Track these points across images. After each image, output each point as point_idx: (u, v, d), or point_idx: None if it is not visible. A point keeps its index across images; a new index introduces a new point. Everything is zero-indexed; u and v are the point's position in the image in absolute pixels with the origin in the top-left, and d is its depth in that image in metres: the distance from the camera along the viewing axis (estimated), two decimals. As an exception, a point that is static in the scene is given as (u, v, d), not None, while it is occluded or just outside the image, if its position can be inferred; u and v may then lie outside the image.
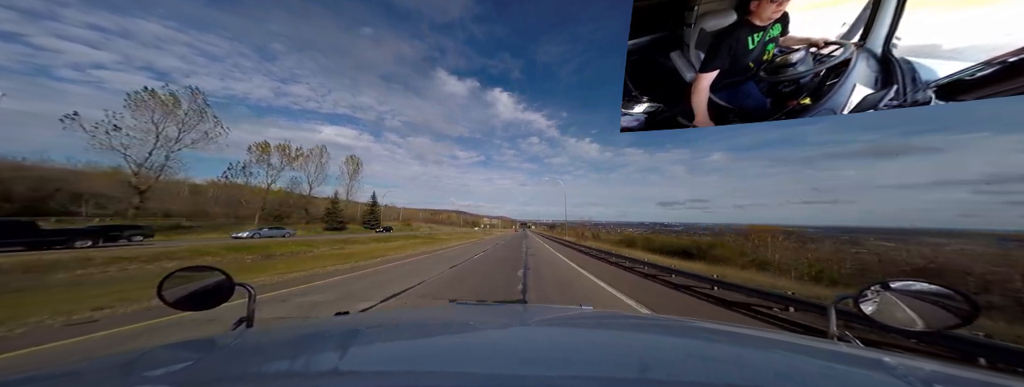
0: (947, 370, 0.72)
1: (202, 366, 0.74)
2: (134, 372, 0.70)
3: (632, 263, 14.76)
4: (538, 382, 0.60)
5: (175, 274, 1.23)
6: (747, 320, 6.33)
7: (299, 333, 1.07)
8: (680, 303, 7.73)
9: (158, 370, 0.73)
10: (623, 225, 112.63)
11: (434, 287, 9.02)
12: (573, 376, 0.65)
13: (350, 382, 0.61)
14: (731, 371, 0.74)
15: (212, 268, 1.29)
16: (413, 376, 0.64)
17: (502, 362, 0.76)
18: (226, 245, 20.40)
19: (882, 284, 1.05)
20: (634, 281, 10.90)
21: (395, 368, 0.71)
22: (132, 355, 0.79)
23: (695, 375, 0.69)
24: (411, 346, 0.93)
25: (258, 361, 0.79)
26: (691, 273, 10.35)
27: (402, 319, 1.37)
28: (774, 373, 0.72)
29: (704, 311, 7.05)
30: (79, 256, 13.10)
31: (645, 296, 8.34)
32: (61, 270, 10.92)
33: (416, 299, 7.55)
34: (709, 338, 1.05)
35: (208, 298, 1.23)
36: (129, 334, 4.90)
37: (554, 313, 1.41)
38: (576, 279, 11.09)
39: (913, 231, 35.06)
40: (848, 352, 0.85)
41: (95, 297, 7.00)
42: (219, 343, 0.91)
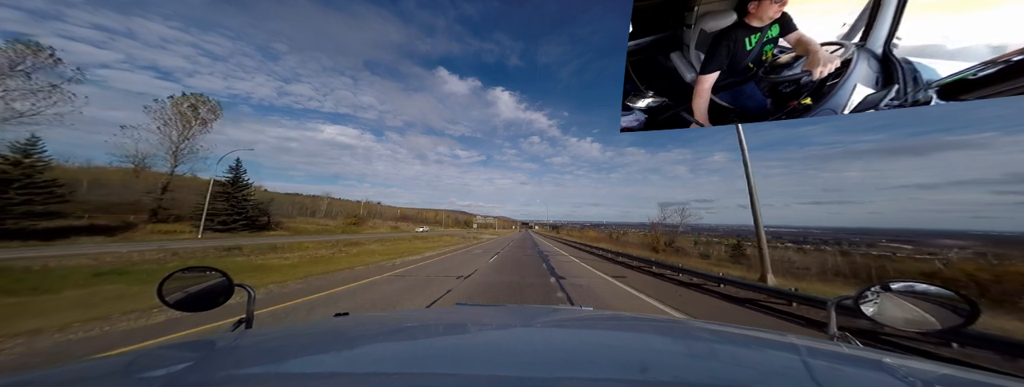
0: (947, 370, 0.71)
1: (202, 366, 0.74)
2: (134, 372, 0.70)
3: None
4: (539, 383, 0.60)
5: (175, 274, 1.23)
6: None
7: (299, 334, 1.07)
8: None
9: (158, 370, 0.73)
10: (624, 226, 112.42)
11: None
12: (574, 377, 0.65)
13: (350, 383, 0.61)
14: (731, 371, 0.74)
15: (212, 268, 1.29)
16: (413, 377, 0.64)
17: (503, 363, 0.76)
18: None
19: (882, 285, 1.04)
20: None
21: (395, 369, 0.70)
22: (132, 355, 0.79)
23: (695, 375, 0.69)
24: (411, 347, 0.93)
25: (258, 361, 0.79)
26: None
27: (403, 320, 1.37)
28: (774, 373, 0.72)
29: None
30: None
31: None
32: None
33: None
34: (709, 338, 1.05)
35: (208, 298, 1.24)
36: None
37: (555, 314, 1.41)
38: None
39: (924, 232, 34.39)
40: (848, 352, 0.85)
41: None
42: (219, 343, 0.91)
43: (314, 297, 7.34)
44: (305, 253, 17.87)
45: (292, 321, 5.50)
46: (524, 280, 10.20)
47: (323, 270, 11.32)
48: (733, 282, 9.08)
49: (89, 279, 8.75)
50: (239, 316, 1.24)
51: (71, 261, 12.16)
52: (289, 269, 11.51)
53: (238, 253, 16.97)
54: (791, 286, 8.45)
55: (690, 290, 9.30)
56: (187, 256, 15.31)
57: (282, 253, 17.57)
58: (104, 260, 13.13)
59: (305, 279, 9.59)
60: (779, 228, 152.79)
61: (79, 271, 9.91)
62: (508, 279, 10.30)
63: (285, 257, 15.76)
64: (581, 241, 38.46)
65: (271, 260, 14.50)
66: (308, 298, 7.23)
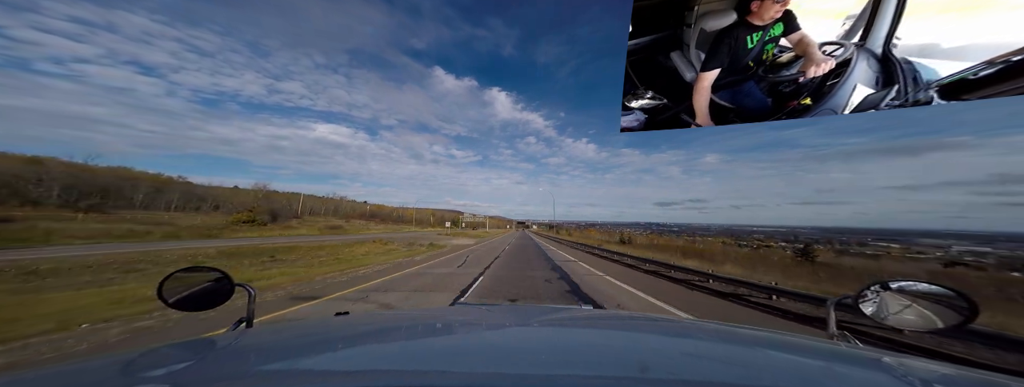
0: (946, 370, 0.72)
1: (202, 366, 0.73)
2: (134, 372, 0.70)
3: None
4: (540, 381, 0.60)
5: (175, 274, 1.23)
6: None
7: (299, 333, 1.07)
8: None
9: (158, 370, 0.73)
10: (620, 225, 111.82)
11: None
12: (574, 375, 0.65)
13: (350, 382, 0.61)
14: (731, 371, 0.74)
15: (212, 268, 1.29)
16: (412, 375, 0.64)
17: (503, 362, 0.76)
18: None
19: (882, 284, 1.05)
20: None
21: (395, 368, 0.70)
22: (132, 355, 0.79)
23: (695, 375, 0.69)
24: (411, 346, 0.93)
25: (258, 361, 0.79)
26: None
27: (403, 319, 1.37)
28: (773, 373, 0.73)
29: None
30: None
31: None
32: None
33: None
34: (709, 338, 1.05)
35: (208, 298, 1.23)
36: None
37: (555, 313, 1.41)
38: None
39: (907, 232, 34.43)
40: (847, 352, 0.85)
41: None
42: (219, 343, 0.91)
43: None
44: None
45: (291, 321, 5.49)
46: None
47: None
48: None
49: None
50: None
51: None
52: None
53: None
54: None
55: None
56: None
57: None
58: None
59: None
60: (766, 228, 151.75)
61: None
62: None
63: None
64: (594, 245, 24.24)
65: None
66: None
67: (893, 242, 31.76)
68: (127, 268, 12.55)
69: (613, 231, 52.24)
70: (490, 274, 10.77)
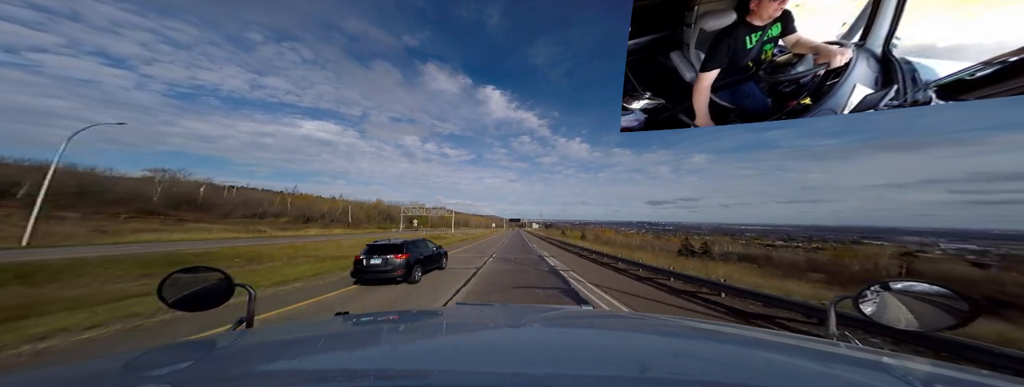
0: (946, 370, 0.72)
1: (202, 366, 0.73)
2: (134, 372, 0.70)
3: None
4: (538, 380, 0.60)
5: (175, 274, 1.23)
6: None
7: (299, 333, 1.07)
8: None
9: (158, 370, 0.73)
10: (613, 224, 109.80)
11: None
12: (574, 375, 0.65)
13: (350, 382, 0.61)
14: (730, 371, 0.74)
15: (212, 268, 1.28)
16: (412, 374, 0.64)
17: (503, 361, 0.76)
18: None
19: (882, 284, 1.05)
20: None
21: (395, 367, 0.70)
22: (132, 355, 0.78)
23: (694, 374, 0.69)
24: (411, 346, 0.93)
25: (258, 361, 0.79)
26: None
27: (402, 319, 1.37)
28: (773, 373, 0.72)
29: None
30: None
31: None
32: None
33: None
34: (708, 338, 1.05)
35: (208, 298, 1.23)
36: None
37: (555, 313, 1.42)
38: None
39: (888, 230, 34.19)
40: (847, 352, 0.85)
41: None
42: (219, 343, 0.91)
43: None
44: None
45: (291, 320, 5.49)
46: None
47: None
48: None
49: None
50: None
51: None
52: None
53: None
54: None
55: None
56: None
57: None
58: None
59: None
60: (754, 226, 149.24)
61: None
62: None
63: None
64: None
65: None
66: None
67: (876, 239, 31.35)
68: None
69: (629, 232, 41.60)
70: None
